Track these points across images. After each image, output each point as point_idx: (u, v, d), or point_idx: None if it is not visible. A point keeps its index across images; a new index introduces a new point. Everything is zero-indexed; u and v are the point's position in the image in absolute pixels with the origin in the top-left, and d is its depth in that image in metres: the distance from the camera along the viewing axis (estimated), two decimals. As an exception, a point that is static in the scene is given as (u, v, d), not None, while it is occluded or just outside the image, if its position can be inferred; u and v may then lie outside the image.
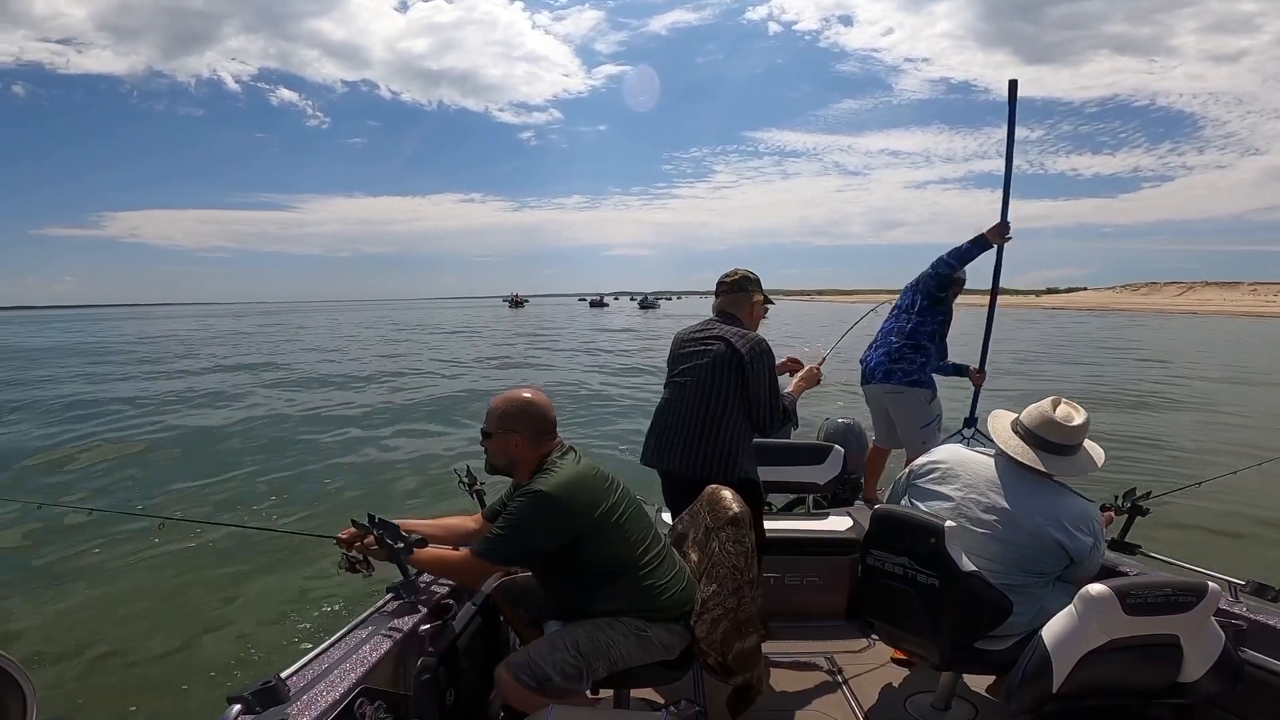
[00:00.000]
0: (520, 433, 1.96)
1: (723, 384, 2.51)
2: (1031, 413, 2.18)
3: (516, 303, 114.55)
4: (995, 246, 3.58)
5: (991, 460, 2.21)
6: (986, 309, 3.76)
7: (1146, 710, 1.92)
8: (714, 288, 2.79)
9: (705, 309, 2.88)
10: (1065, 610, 1.80)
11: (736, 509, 1.91)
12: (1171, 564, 2.33)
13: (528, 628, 2.14)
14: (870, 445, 4.13)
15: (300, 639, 3.99)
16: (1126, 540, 2.49)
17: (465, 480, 2.54)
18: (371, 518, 1.95)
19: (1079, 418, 2.13)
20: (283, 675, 1.49)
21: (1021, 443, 2.16)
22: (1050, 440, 2.12)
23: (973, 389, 3.87)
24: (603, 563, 1.87)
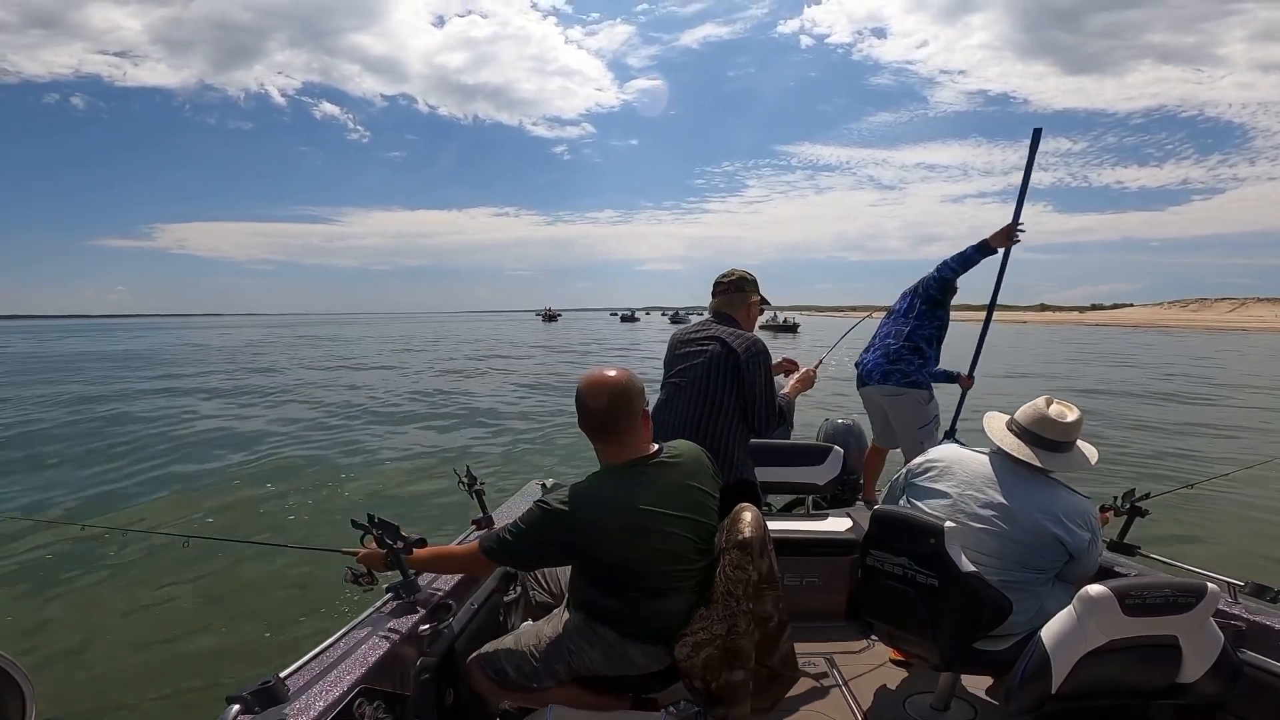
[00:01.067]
0: (581, 427, 1.84)
1: (718, 385, 2.50)
2: (1026, 411, 2.22)
3: (550, 317, 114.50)
4: (1000, 251, 3.59)
5: (988, 458, 2.23)
6: (986, 319, 3.81)
7: (1146, 711, 1.92)
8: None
9: None
10: (1064, 611, 1.80)
11: (747, 534, 1.74)
12: (1170, 565, 2.34)
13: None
14: (870, 446, 4.13)
15: (299, 639, 3.99)
16: (1125, 541, 2.49)
17: (465, 480, 2.55)
18: (371, 517, 1.95)
19: (1072, 415, 2.17)
20: (282, 675, 1.49)
21: (1017, 440, 2.18)
22: (1045, 437, 2.15)
23: (958, 398, 3.90)
24: (603, 571, 1.81)
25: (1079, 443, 2.20)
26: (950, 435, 3.75)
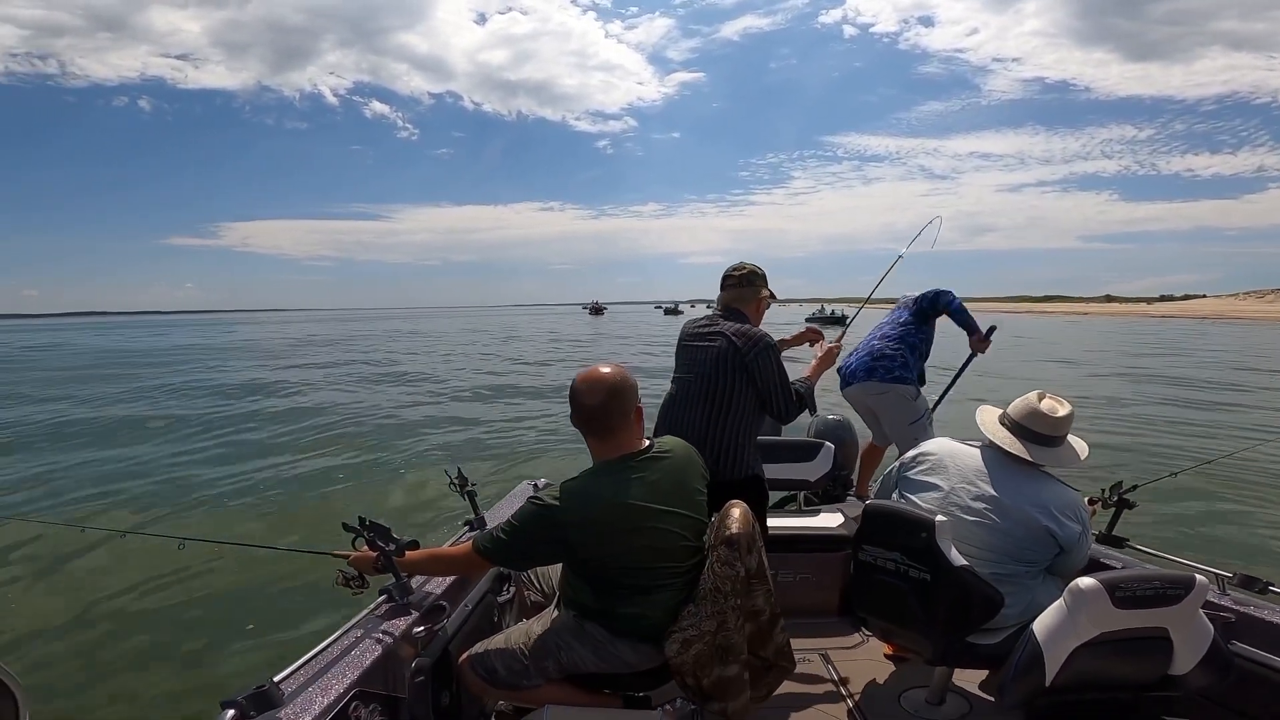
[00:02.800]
0: (573, 422, 1.86)
1: (728, 381, 2.48)
2: (1018, 405, 2.24)
3: (597, 310, 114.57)
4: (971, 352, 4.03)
5: (979, 451, 2.25)
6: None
7: (1138, 703, 1.94)
8: (796, 294, 2.79)
9: (783, 315, 2.88)
10: (1056, 604, 1.82)
11: (735, 530, 1.73)
12: (1159, 557, 2.36)
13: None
14: (867, 443, 4.14)
15: (293, 642, 3.97)
16: (1114, 534, 2.51)
17: (456, 481, 2.54)
18: (363, 520, 1.94)
19: (1063, 410, 2.19)
20: (276, 679, 1.48)
21: (1009, 434, 2.21)
22: (1036, 431, 2.17)
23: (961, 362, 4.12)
24: (595, 568, 1.81)
25: (1070, 437, 2.22)
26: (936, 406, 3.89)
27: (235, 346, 39.53)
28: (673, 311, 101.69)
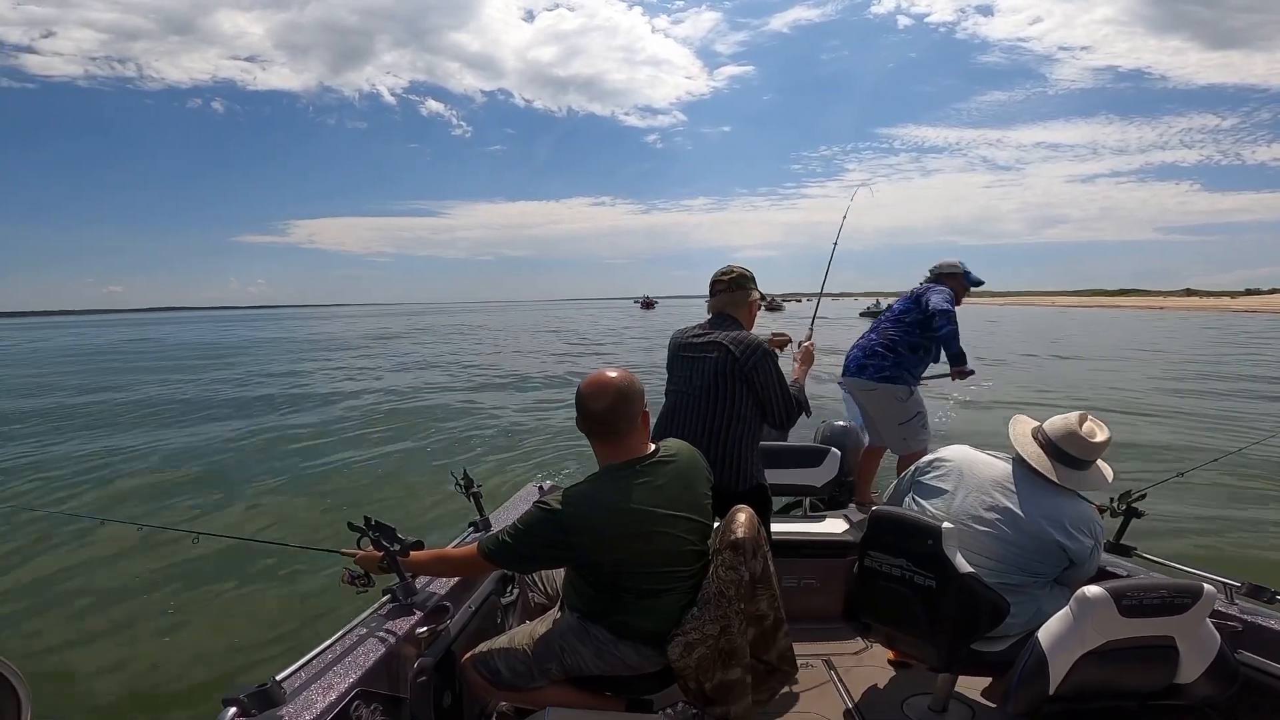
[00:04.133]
0: (580, 427, 1.85)
1: (727, 393, 2.45)
2: (1056, 423, 2.19)
3: (648, 304, 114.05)
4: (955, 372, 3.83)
5: (997, 461, 2.23)
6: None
7: (1143, 712, 1.92)
8: (850, 288, 2.77)
9: (839, 310, 2.85)
10: (1061, 612, 1.80)
11: (740, 534, 1.74)
12: (1167, 566, 2.34)
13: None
14: (864, 446, 4.10)
15: (296, 641, 3.98)
16: (1122, 542, 2.50)
17: (461, 483, 2.54)
18: (368, 520, 1.95)
19: (1101, 435, 2.14)
20: (278, 678, 1.49)
21: (1040, 451, 2.17)
22: (1069, 454, 2.13)
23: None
24: (600, 571, 1.81)
25: (1099, 461, 2.18)
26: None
27: (309, 339, 41.90)
28: None
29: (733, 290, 2.59)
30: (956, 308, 3.75)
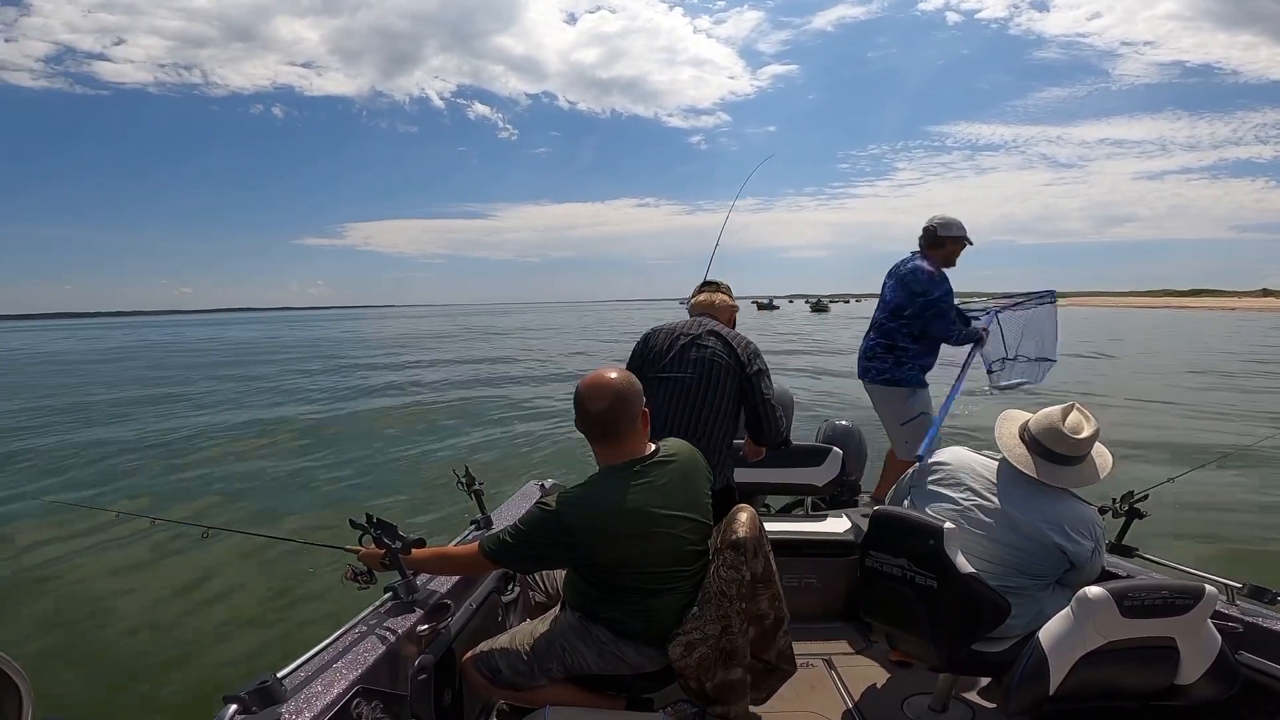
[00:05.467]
0: (579, 428, 1.84)
1: (720, 387, 2.44)
2: (1040, 420, 2.13)
3: None
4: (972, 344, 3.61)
5: (994, 464, 2.20)
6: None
7: (1143, 713, 1.92)
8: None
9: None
10: (1062, 613, 1.80)
11: (742, 534, 1.73)
12: (1168, 567, 2.33)
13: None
14: (889, 450, 3.97)
15: (297, 639, 3.99)
16: (1124, 543, 2.49)
17: (463, 480, 2.54)
18: (369, 517, 1.95)
19: (1088, 428, 2.08)
20: (279, 675, 1.49)
21: (1025, 450, 2.12)
22: (1055, 451, 2.08)
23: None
24: (601, 571, 1.81)
25: (1096, 450, 2.12)
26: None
27: (375, 338, 45.29)
28: (767, 307, 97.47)
29: (713, 291, 2.72)
30: (949, 268, 3.61)
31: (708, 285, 2.76)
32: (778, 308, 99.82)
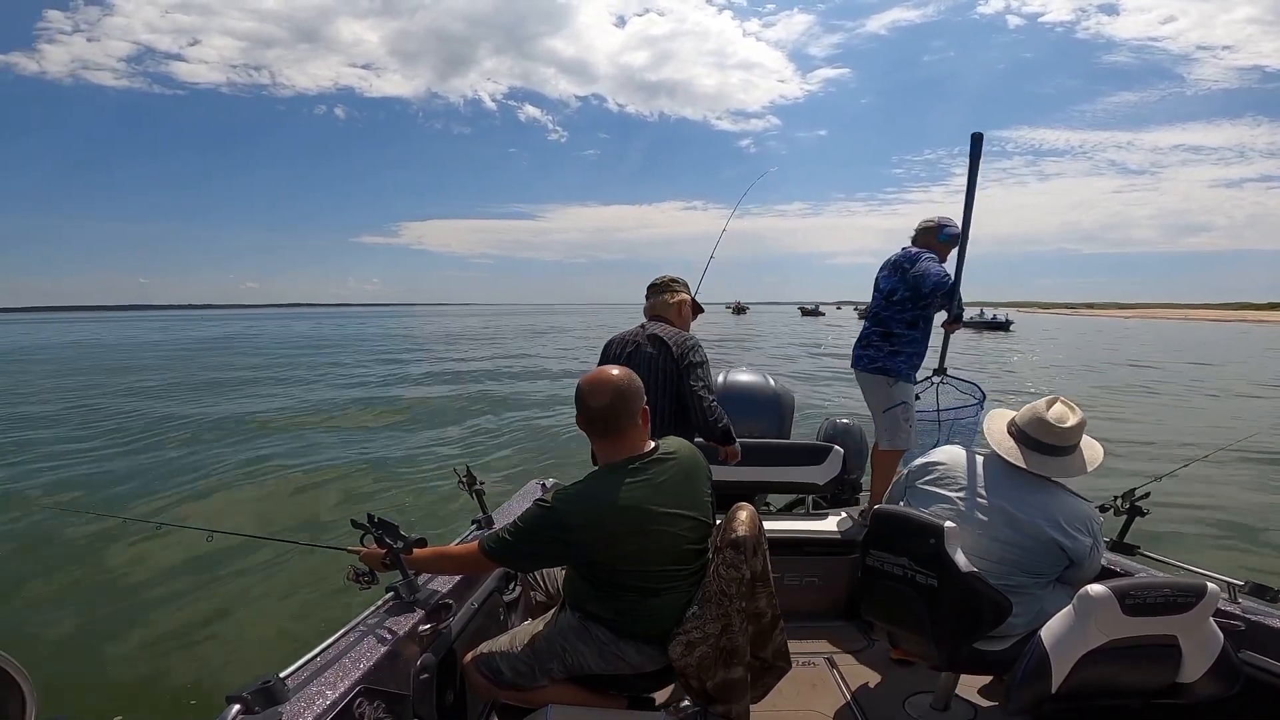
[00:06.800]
0: (580, 425, 1.85)
1: (656, 389, 2.54)
2: (1025, 412, 2.17)
3: (739, 310, 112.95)
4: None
5: (988, 461, 2.21)
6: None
7: (1145, 711, 1.92)
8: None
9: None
10: (1064, 611, 1.80)
11: (743, 532, 1.73)
12: (1170, 564, 2.33)
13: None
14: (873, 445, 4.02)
15: (299, 639, 3.99)
16: (1125, 541, 2.49)
17: (464, 480, 2.54)
18: (370, 517, 1.95)
19: (1073, 418, 2.11)
20: (281, 675, 1.49)
21: (1013, 443, 2.15)
22: (1041, 441, 2.10)
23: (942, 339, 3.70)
24: (601, 570, 1.81)
25: (1084, 444, 2.15)
26: (940, 371, 3.67)
27: (426, 335, 47.80)
28: (812, 313, 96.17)
29: (662, 293, 2.80)
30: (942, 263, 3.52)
31: (655, 287, 2.85)
32: (823, 314, 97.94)
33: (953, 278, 3.27)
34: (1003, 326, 54.21)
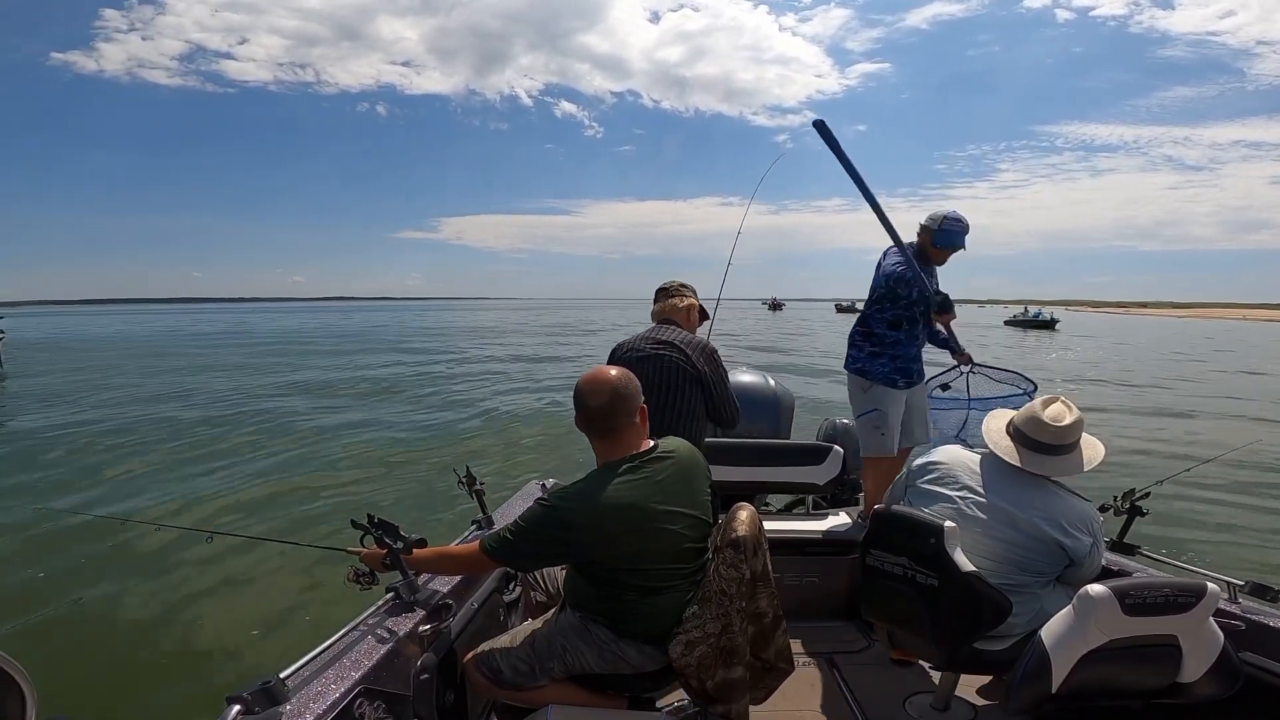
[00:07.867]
0: (579, 425, 1.86)
1: (680, 390, 2.59)
2: (1023, 412, 2.18)
3: (775, 306, 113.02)
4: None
5: (988, 460, 2.21)
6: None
7: (1145, 711, 1.92)
8: (998, 295, 2.75)
9: (982, 316, 2.82)
10: (1064, 611, 1.80)
11: (743, 532, 1.73)
12: (1171, 564, 2.33)
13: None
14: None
15: (300, 639, 3.99)
16: (1126, 541, 2.49)
17: (465, 480, 2.54)
18: (371, 517, 1.95)
19: (1070, 417, 2.11)
20: (282, 675, 1.49)
21: (1011, 443, 2.15)
22: (1039, 440, 2.10)
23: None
24: (601, 569, 1.81)
25: (1084, 442, 2.15)
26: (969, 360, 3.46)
27: (469, 327, 49.67)
28: (848, 310, 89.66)
29: (671, 296, 2.85)
30: (938, 265, 3.41)
31: (664, 290, 2.89)
32: (859, 311, 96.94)
33: (905, 267, 3.11)
34: (1048, 325, 53.50)
